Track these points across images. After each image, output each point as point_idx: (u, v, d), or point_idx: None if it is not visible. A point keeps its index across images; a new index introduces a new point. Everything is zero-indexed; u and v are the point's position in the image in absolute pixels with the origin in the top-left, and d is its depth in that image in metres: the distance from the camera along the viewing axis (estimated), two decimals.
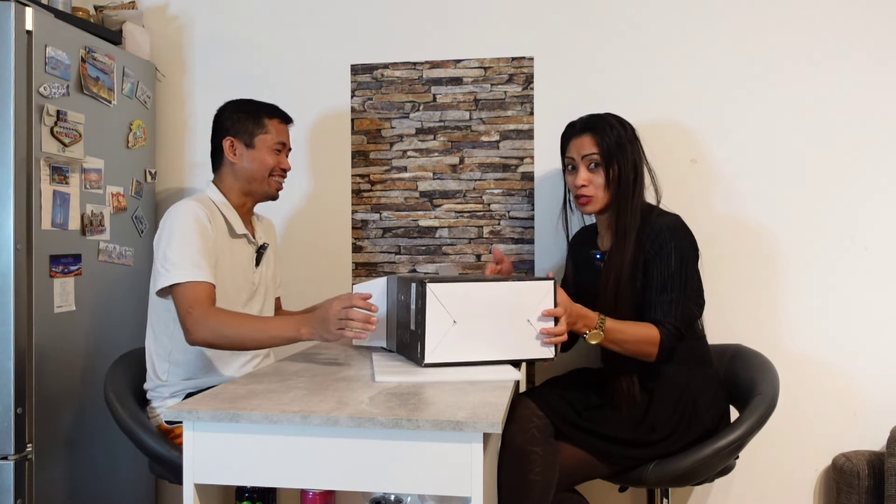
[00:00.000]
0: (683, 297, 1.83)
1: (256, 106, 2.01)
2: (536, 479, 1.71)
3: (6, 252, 1.85)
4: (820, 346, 2.29)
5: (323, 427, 1.27)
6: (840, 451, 2.24)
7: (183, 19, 2.61)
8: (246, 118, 1.97)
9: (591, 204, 1.94)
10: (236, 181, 1.98)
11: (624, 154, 1.91)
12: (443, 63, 2.46)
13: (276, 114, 2.01)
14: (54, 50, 1.98)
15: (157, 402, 1.93)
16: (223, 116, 2.00)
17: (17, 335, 1.86)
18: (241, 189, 1.99)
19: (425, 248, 2.48)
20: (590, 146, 1.92)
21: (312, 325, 1.67)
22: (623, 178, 1.90)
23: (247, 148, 1.96)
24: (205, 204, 1.90)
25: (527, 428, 1.74)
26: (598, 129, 1.92)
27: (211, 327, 1.71)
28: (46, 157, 1.95)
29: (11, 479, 1.83)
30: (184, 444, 1.31)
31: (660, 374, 1.87)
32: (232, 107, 2.01)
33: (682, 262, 1.84)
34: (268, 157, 1.97)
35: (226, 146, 1.97)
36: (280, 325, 1.72)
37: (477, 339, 1.64)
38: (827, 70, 2.29)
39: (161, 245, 1.83)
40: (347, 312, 1.61)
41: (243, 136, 1.96)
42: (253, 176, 1.97)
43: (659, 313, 1.81)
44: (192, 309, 1.73)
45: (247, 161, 1.96)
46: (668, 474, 1.79)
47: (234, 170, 1.98)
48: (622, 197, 1.90)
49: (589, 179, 1.92)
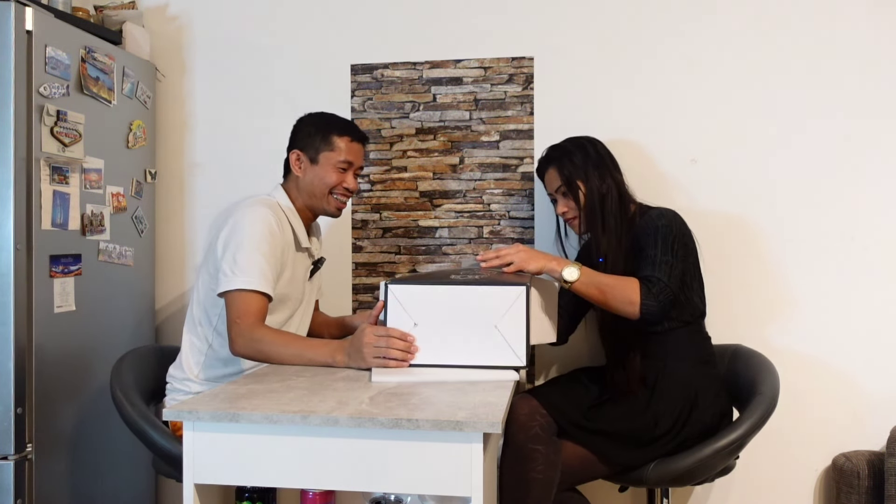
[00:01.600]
0: (674, 262, 1.81)
1: (329, 121, 1.98)
2: (538, 477, 1.71)
3: (6, 252, 1.85)
4: (820, 346, 2.29)
5: (323, 427, 1.27)
6: (840, 451, 2.24)
7: (183, 19, 2.61)
8: (316, 133, 1.95)
9: (578, 226, 2.04)
10: (299, 194, 1.97)
11: (586, 174, 1.99)
12: (443, 63, 2.46)
13: (347, 132, 1.97)
14: (54, 50, 1.98)
15: (179, 395, 1.92)
16: (298, 128, 1.99)
17: (17, 335, 1.86)
18: (303, 203, 1.98)
19: (425, 249, 2.48)
20: (555, 179, 2.04)
21: (347, 354, 1.69)
22: (590, 197, 1.97)
23: (311, 163, 1.95)
24: (275, 210, 1.88)
25: (530, 426, 1.74)
26: (557, 160, 2.04)
27: (252, 343, 1.73)
28: (46, 157, 1.95)
29: (11, 479, 1.83)
30: (184, 444, 1.32)
31: (664, 370, 1.87)
32: (308, 119, 2.00)
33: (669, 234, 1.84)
34: (330, 174, 1.94)
35: (292, 158, 1.96)
36: (317, 351, 1.73)
37: (439, 343, 1.61)
38: (827, 70, 2.29)
39: (231, 246, 1.81)
40: (387, 342, 1.62)
41: (309, 150, 1.95)
42: (313, 192, 1.95)
43: (646, 270, 1.80)
44: (240, 319, 1.74)
45: (309, 176, 1.95)
46: (668, 474, 1.79)
47: (297, 183, 1.97)
48: (592, 213, 1.96)
49: (567, 206, 2.03)
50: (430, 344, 1.62)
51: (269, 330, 1.77)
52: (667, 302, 1.76)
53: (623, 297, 1.76)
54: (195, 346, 1.93)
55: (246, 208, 1.86)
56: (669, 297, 1.77)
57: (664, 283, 1.76)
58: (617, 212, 1.94)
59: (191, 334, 1.95)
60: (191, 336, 1.95)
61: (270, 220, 1.84)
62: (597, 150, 2.03)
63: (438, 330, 1.61)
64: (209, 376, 1.91)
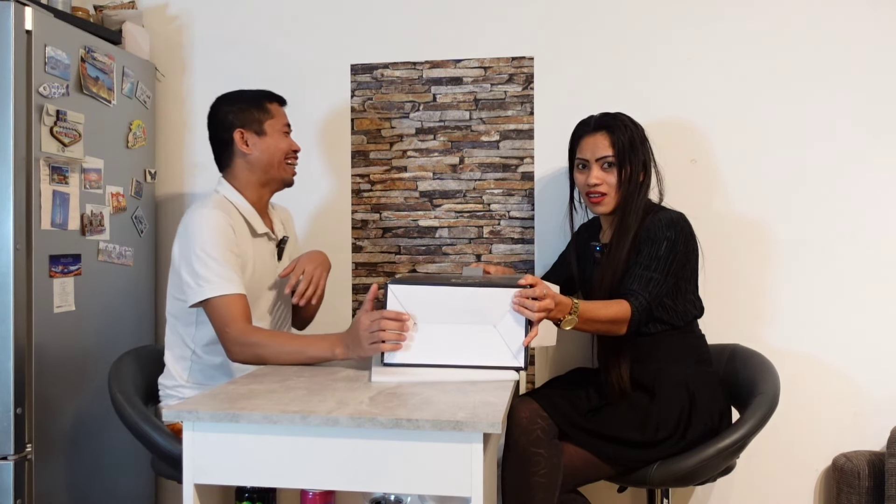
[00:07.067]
0: (663, 282, 1.82)
1: (254, 94, 1.99)
2: (541, 481, 1.71)
3: (6, 252, 1.85)
4: (820, 346, 2.29)
5: (323, 427, 1.27)
6: (840, 452, 2.24)
7: (183, 19, 2.61)
8: (249, 107, 1.94)
9: (604, 203, 1.94)
10: (252, 173, 1.95)
11: (636, 155, 1.92)
12: (443, 63, 2.46)
13: (274, 98, 1.99)
14: (54, 50, 1.98)
15: (173, 400, 1.91)
16: (222, 111, 1.96)
17: (17, 335, 1.85)
18: (257, 181, 1.95)
19: (425, 249, 2.48)
20: (604, 145, 1.93)
21: (346, 345, 1.68)
22: (633, 178, 1.91)
23: (258, 136, 1.93)
24: (223, 208, 1.87)
25: (531, 430, 1.73)
26: (613, 129, 1.93)
27: (248, 349, 1.72)
28: (46, 157, 1.95)
29: (11, 479, 1.83)
30: (184, 444, 1.31)
31: (659, 372, 1.87)
32: (228, 99, 1.98)
33: (671, 252, 1.83)
34: (281, 140, 1.95)
35: (237, 139, 1.93)
36: (316, 346, 1.72)
37: (438, 343, 1.61)
38: (827, 69, 2.29)
39: (186, 257, 1.79)
40: (379, 325, 1.59)
41: (252, 125, 1.93)
42: (270, 163, 1.94)
43: (636, 284, 1.81)
44: (229, 328, 1.73)
45: (260, 150, 1.93)
46: (671, 474, 1.79)
47: (248, 162, 1.94)
48: (630, 197, 1.91)
49: (602, 178, 1.92)
50: (430, 344, 1.62)
51: (263, 332, 1.77)
52: (643, 319, 1.80)
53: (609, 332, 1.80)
54: (178, 354, 1.92)
55: (191, 215, 1.84)
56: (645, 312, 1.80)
57: (644, 302, 1.79)
58: (640, 208, 1.91)
59: (172, 344, 1.93)
60: (172, 346, 1.93)
61: (218, 218, 1.81)
62: (646, 135, 1.98)
63: (438, 330, 1.61)
64: (199, 380, 1.90)
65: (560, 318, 1.68)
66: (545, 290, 1.59)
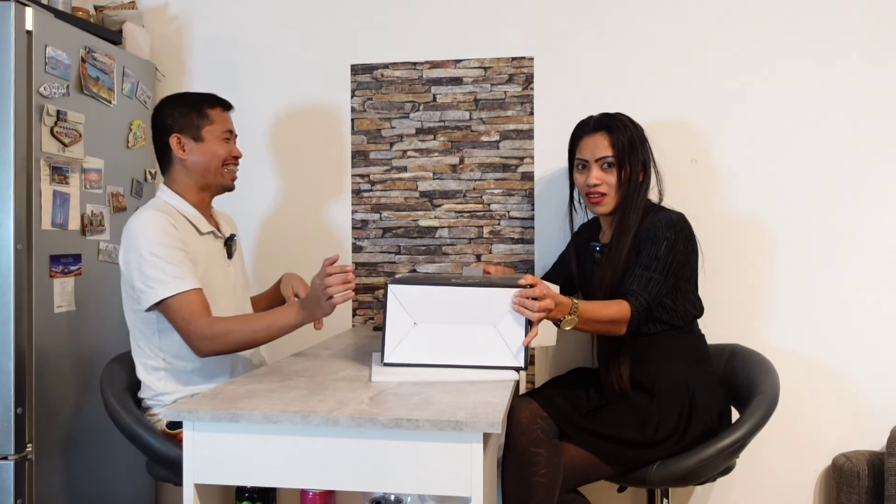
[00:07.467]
0: (662, 282, 1.82)
1: (196, 97, 1.95)
2: (541, 480, 1.71)
3: (6, 252, 1.85)
4: (820, 346, 2.29)
5: (323, 427, 1.27)
6: (840, 451, 2.24)
7: (183, 19, 2.61)
8: (188, 112, 1.91)
9: (604, 204, 1.95)
10: (190, 178, 1.92)
11: (636, 155, 1.93)
12: (443, 63, 2.46)
13: (217, 102, 1.95)
14: (54, 50, 1.98)
15: (157, 409, 1.89)
16: (163, 114, 1.93)
17: (17, 335, 1.86)
18: (196, 185, 1.93)
19: (425, 248, 2.48)
20: (604, 145, 1.93)
21: (308, 308, 1.71)
22: (633, 179, 1.92)
23: (195, 142, 1.90)
24: (164, 210, 1.83)
25: (531, 430, 1.73)
26: (613, 129, 1.93)
27: (216, 339, 1.72)
28: (46, 157, 1.95)
29: (11, 479, 1.83)
30: (184, 444, 1.31)
31: (659, 372, 1.87)
32: (170, 103, 1.94)
33: (671, 252, 1.84)
34: (219, 147, 1.91)
35: (173, 144, 1.89)
36: (284, 317, 1.74)
37: (439, 343, 1.61)
38: (827, 70, 2.29)
39: (133, 263, 1.76)
40: (326, 282, 1.64)
41: (189, 130, 1.90)
42: (207, 169, 1.91)
43: (636, 284, 1.81)
44: (190, 325, 1.71)
45: (197, 155, 1.90)
46: (671, 474, 1.79)
47: (185, 166, 1.91)
48: (630, 197, 1.91)
49: (602, 178, 1.93)
50: (429, 344, 1.62)
51: (227, 320, 1.75)
52: (642, 319, 1.80)
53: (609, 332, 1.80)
54: (149, 366, 1.87)
55: (132, 221, 1.81)
56: (645, 313, 1.80)
57: (644, 302, 1.79)
58: (639, 209, 1.91)
59: (139, 355, 1.88)
60: (140, 357, 1.88)
61: (158, 219, 1.78)
62: (645, 135, 1.99)
63: (438, 330, 1.61)
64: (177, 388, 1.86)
65: (560, 318, 1.68)
66: (545, 290, 1.59)
